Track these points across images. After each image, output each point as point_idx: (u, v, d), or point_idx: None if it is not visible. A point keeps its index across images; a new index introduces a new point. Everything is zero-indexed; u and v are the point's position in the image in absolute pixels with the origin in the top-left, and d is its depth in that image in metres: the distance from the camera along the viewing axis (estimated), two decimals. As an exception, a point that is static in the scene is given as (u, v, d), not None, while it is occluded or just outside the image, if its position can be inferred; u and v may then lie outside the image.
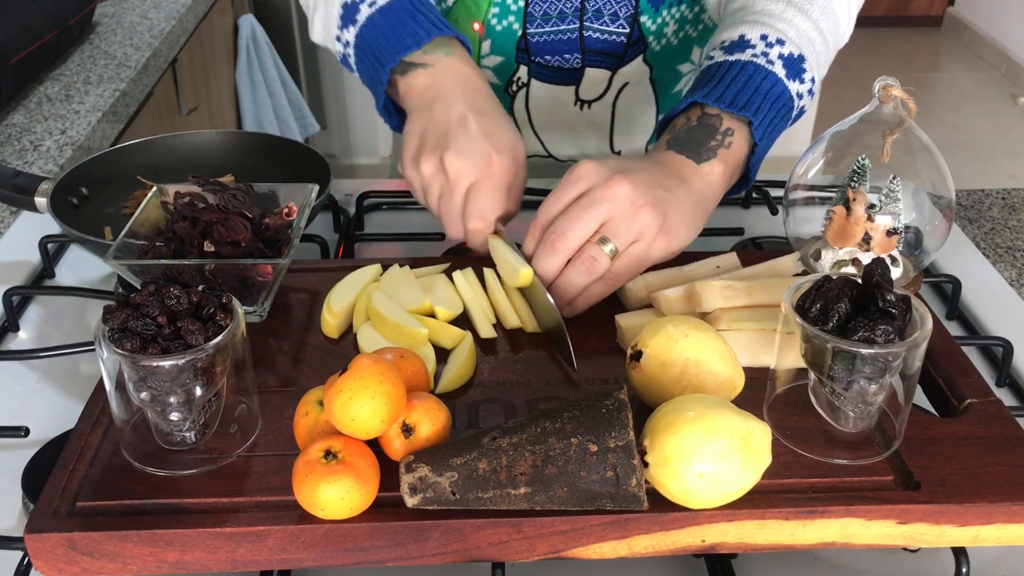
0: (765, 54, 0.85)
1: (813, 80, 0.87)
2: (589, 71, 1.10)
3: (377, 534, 0.62)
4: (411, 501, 0.61)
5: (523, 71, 1.11)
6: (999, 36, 4.65)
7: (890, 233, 0.79)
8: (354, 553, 0.63)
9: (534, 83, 1.12)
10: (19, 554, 0.66)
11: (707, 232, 1.04)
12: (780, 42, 0.85)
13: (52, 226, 1.03)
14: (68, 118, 1.44)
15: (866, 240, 0.80)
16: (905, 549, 0.69)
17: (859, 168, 0.81)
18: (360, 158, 3.36)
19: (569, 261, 0.77)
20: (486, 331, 0.79)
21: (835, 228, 0.81)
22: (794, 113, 0.88)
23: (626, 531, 0.62)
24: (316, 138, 3.13)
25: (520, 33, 1.08)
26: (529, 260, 0.79)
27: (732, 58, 0.85)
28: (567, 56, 1.08)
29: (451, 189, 0.83)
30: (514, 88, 1.12)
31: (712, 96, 0.83)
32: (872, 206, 0.80)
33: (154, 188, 0.84)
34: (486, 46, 1.10)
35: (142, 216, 0.81)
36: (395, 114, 0.95)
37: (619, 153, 1.17)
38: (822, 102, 3.51)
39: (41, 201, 0.96)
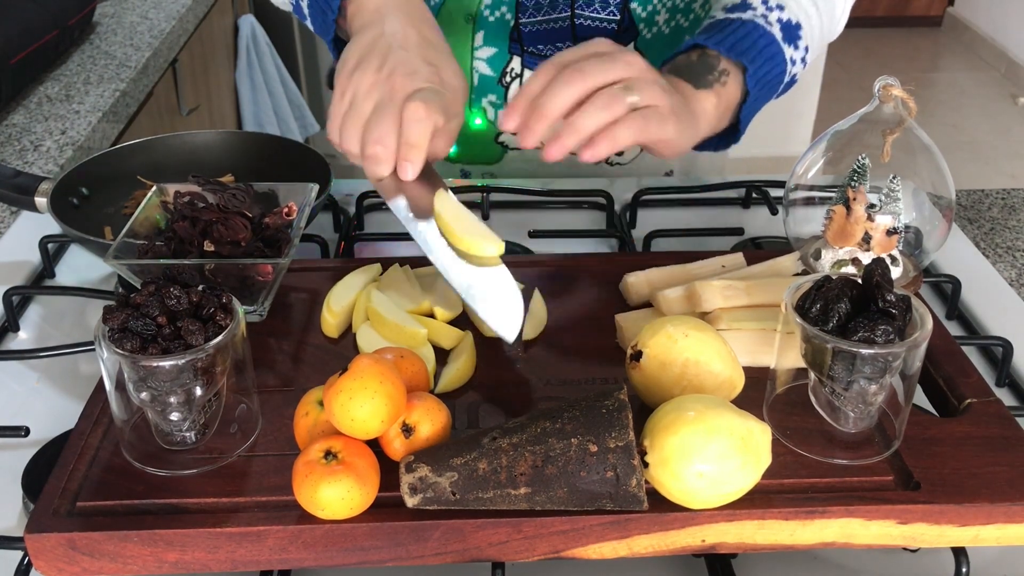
0: (764, 16, 0.89)
1: (807, 49, 0.91)
2: None
3: (377, 534, 0.62)
4: (411, 501, 0.61)
5: (516, 62, 1.11)
6: (999, 36, 4.65)
7: (890, 233, 0.79)
8: (354, 553, 0.63)
9: (527, 73, 1.12)
10: (19, 554, 0.66)
11: (707, 232, 1.05)
12: (780, 7, 0.89)
13: (52, 226, 1.03)
14: (68, 118, 1.44)
15: (866, 240, 0.80)
16: (905, 549, 0.69)
17: (859, 168, 0.81)
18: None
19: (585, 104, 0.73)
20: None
21: (835, 228, 0.81)
22: (786, 77, 0.90)
23: (626, 531, 0.62)
24: (316, 138, 3.13)
25: (513, 23, 1.08)
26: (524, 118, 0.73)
27: (734, 16, 0.89)
28: (559, 45, 1.09)
29: (392, 102, 0.74)
30: (507, 79, 1.13)
31: (712, 40, 0.86)
32: (872, 206, 0.80)
33: (154, 188, 0.84)
34: (479, 38, 1.11)
35: (142, 216, 0.82)
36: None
37: None
38: (822, 102, 3.52)
39: (41, 201, 0.96)
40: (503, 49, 1.10)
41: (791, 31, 0.89)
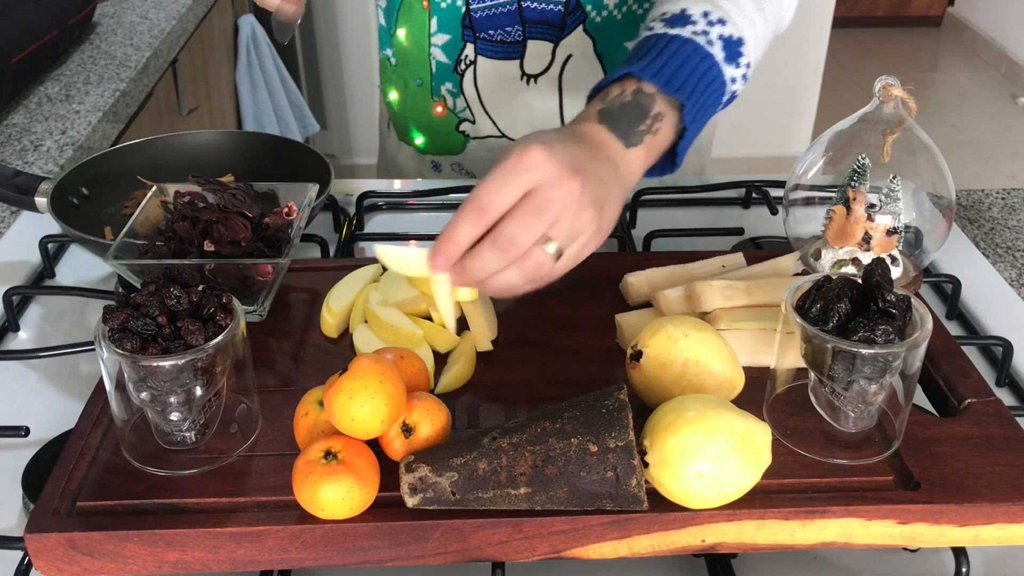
0: (705, 32, 0.82)
1: (748, 66, 0.85)
2: (531, 44, 1.10)
3: (377, 534, 0.62)
4: (411, 501, 0.61)
5: (470, 48, 1.12)
6: (999, 36, 4.65)
7: (890, 233, 0.79)
8: (354, 553, 0.63)
9: (481, 60, 1.12)
10: (19, 554, 0.66)
11: (707, 232, 1.05)
12: (721, 22, 0.83)
13: (52, 226, 1.03)
14: (68, 118, 1.44)
15: (866, 240, 0.80)
16: (905, 549, 0.69)
17: (859, 168, 0.81)
18: (360, 158, 3.36)
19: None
20: (483, 345, 0.78)
21: (835, 228, 0.81)
22: (725, 98, 0.85)
23: (626, 531, 0.62)
24: (316, 138, 3.13)
25: (464, 9, 1.09)
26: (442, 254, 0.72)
27: (672, 32, 0.82)
28: (508, 29, 1.09)
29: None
30: (462, 67, 1.13)
31: (649, 71, 0.79)
32: (872, 206, 0.80)
33: (154, 188, 0.84)
34: (433, 24, 1.12)
35: (142, 216, 0.82)
36: None
37: None
38: (822, 102, 3.52)
39: (41, 201, 0.96)
40: (457, 36, 1.11)
41: (733, 48, 0.83)
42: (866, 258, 0.80)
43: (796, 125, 3.49)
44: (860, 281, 0.65)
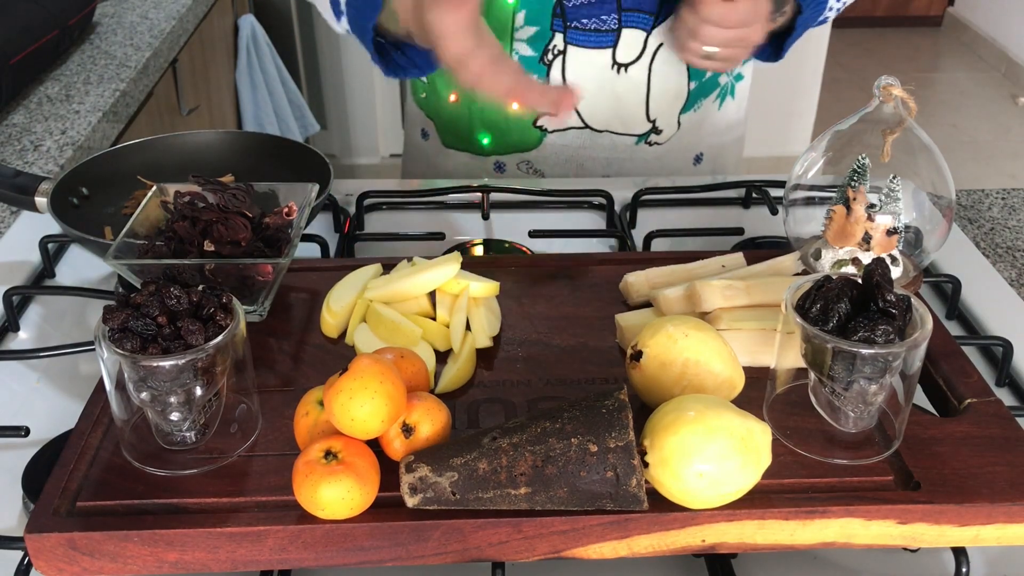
0: None
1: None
2: (625, 32, 1.10)
3: (377, 534, 0.62)
4: (411, 501, 0.61)
5: (559, 38, 1.11)
6: (999, 36, 4.65)
7: (890, 233, 0.79)
8: (354, 553, 0.63)
9: (570, 50, 1.12)
10: (19, 554, 0.66)
11: (707, 232, 1.05)
12: None
13: (52, 226, 1.03)
14: (68, 118, 1.44)
15: (866, 240, 0.80)
16: (905, 549, 0.69)
17: (859, 168, 0.81)
18: (360, 158, 3.36)
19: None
20: (483, 342, 0.78)
21: (835, 228, 0.81)
22: (820, 17, 1.08)
23: (626, 531, 0.62)
24: (316, 138, 3.13)
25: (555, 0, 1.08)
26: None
27: None
28: (604, 18, 1.09)
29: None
30: (549, 57, 1.12)
31: None
32: (872, 206, 0.80)
33: (154, 188, 0.84)
34: (520, 18, 1.10)
35: (142, 216, 0.82)
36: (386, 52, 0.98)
37: (654, 122, 1.18)
38: (822, 102, 3.52)
39: (41, 201, 0.96)
40: (545, 27, 1.10)
41: None
42: (866, 258, 0.80)
43: (796, 125, 3.49)
44: (860, 281, 0.65)
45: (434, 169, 1.29)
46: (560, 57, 1.12)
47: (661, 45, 1.11)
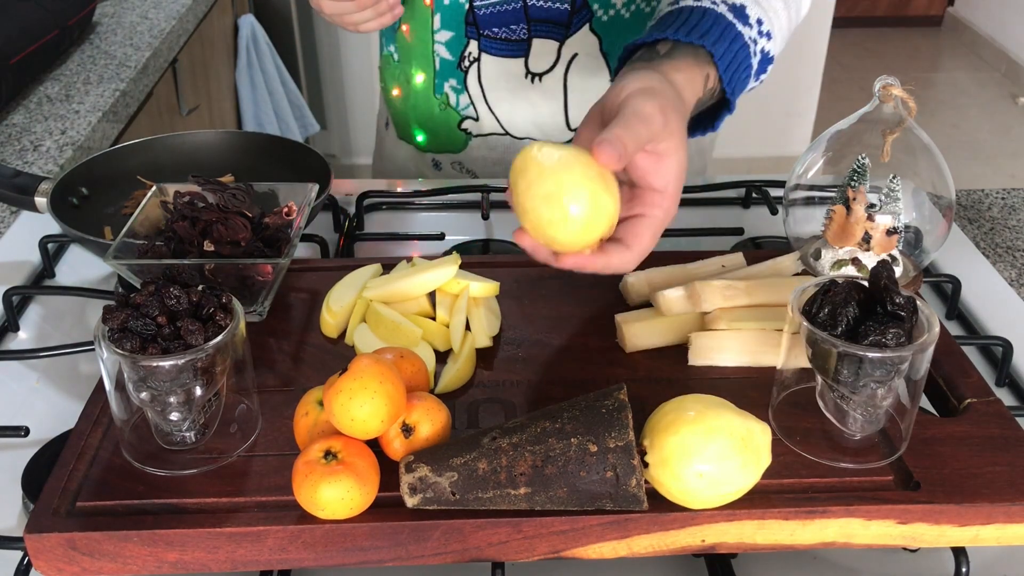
0: (713, 2, 0.82)
1: (760, 22, 0.85)
2: (536, 42, 1.10)
3: (377, 534, 0.62)
4: (411, 501, 0.61)
5: (473, 45, 1.12)
6: (999, 36, 4.65)
7: (890, 233, 0.79)
8: (354, 553, 0.63)
9: (484, 57, 1.12)
10: (19, 554, 0.66)
11: (707, 232, 1.05)
12: None
13: (52, 226, 1.03)
14: (68, 118, 1.44)
15: (866, 239, 0.80)
16: (905, 549, 0.69)
17: (859, 167, 0.81)
18: (360, 158, 3.36)
19: None
20: (482, 342, 0.78)
21: (835, 227, 0.81)
22: (754, 60, 0.84)
23: (626, 531, 0.62)
24: (316, 138, 3.13)
25: (467, 6, 1.09)
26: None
27: (680, 4, 0.83)
28: (513, 27, 1.09)
29: None
30: (466, 64, 1.13)
31: (670, 31, 0.79)
32: (872, 206, 0.80)
33: (154, 188, 0.84)
34: (436, 20, 1.12)
35: (142, 216, 0.82)
36: None
37: (575, 131, 1.15)
38: (822, 102, 3.52)
39: (41, 201, 0.96)
40: (460, 33, 1.11)
41: (739, 12, 0.83)
42: (866, 258, 0.80)
43: (796, 125, 3.49)
44: (865, 284, 0.65)
45: (391, 159, 1.31)
46: (475, 64, 1.13)
47: (576, 55, 1.11)
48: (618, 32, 1.10)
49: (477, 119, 1.17)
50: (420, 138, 1.24)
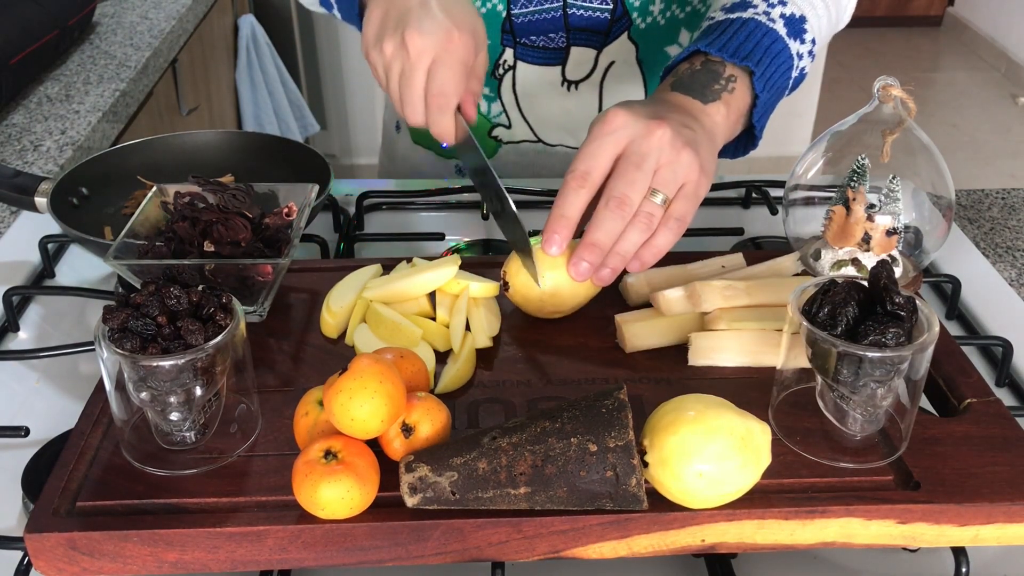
0: (767, 13, 0.86)
1: (814, 42, 0.89)
2: (574, 50, 1.10)
3: (377, 534, 0.62)
4: (411, 501, 0.61)
5: (509, 54, 1.11)
6: (999, 36, 4.65)
7: (890, 233, 0.79)
8: (354, 553, 0.63)
9: (520, 65, 1.12)
10: (19, 554, 0.66)
11: (707, 232, 1.05)
12: (782, 2, 0.87)
13: (52, 226, 1.03)
14: (68, 118, 1.44)
15: (866, 240, 0.80)
16: (905, 549, 0.69)
17: (859, 168, 0.81)
18: (360, 158, 3.36)
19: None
20: (482, 342, 0.78)
21: (835, 228, 0.81)
22: (794, 72, 0.88)
23: (626, 531, 0.63)
24: (316, 138, 3.13)
25: (504, 14, 1.08)
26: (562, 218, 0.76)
27: (733, 16, 0.87)
28: (552, 35, 1.09)
29: (412, 67, 0.81)
30: (500, 72, 1.13)
31: (715, 46, 0.84)
32: (872, 206, 0.80)
33: (154, 188, 0.84)
34: None
35: (142, 216, 0.82)
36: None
37: None
38: (822, 102, 3.52)
39: (41, 201, 0.96)
40: (495, 41, 1.10)
41: (795, 25, 0.87)
42: (866, 258, 0.80)
43: (796, 125, 3.49)
44: (865, 284, 0.65)
45: (406, 162, 1.30)
46: (510, 72, 1.12)
47: (613, 63, 1.11)
48: (653, 39, 1.10)
49: (509, 127, 1.16)
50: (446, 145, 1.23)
